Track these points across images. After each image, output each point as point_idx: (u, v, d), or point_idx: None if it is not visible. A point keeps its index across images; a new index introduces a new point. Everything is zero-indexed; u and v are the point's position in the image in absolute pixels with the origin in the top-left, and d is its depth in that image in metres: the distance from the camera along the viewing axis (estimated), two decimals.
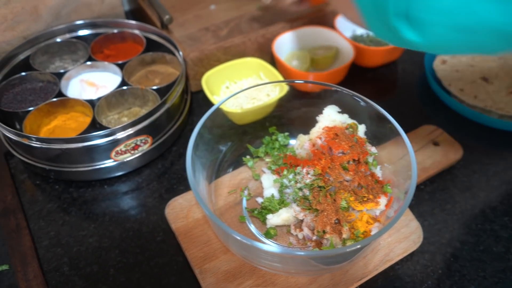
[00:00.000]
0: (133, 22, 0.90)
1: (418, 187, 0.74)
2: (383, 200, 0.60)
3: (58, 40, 0.87)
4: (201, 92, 0.90)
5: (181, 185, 0.76)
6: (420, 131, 0.80)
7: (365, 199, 0.59)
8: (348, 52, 0.91)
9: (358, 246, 0.51)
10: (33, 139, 0.68)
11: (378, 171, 0.64)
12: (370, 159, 0.63)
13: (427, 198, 0.73)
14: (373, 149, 0.64)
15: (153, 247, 0.67)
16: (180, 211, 0.67)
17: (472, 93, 0.86)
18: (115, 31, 0.90)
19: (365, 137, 0.66)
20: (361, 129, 0.66)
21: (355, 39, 0.99)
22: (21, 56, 0.84)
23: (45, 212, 0.72)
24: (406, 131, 0.61)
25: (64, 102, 0.77)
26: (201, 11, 1.11)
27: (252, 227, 0.65)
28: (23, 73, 0.81)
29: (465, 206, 0.72)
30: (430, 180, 0.75)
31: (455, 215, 0.71)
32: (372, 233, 0.59)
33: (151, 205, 0.73)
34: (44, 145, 0.69)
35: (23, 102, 0.79)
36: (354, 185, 0.60)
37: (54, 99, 0.77)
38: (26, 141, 0.69)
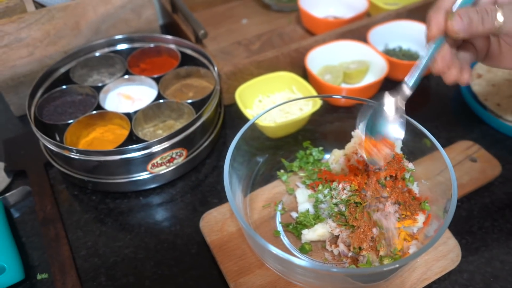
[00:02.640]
0: (169, 37, 0.92)
1: None
2: (421, 218, 0.59)
3: (97, 54, 0.90)
4: (233, 105, 0.91)
5: (214, 197, 0.76)
6: (456, 146, 0.78)
7: (402, 216, 0.59)
8: (381, 66, 0.91)
9: (397, 266, 0.51)
10: (74, 151, 0.70)
11: (415, 188, 0.63)
12: (407, 175, 0.63)
13: (465, 215, 0.71)
14: (410, 165, 0.63)
15: (188, 259, 0.68)
16: (215, 224, 0.68)
17: (509, 107, 0.85)
18: (151, 45, 0.92)
19: (401, 153, 0.65)
20: (398, 145, 0.66)
21: (388, 53, 0.99)
22: (62, 70, 0.87)
23: (83, 222, 0.74)
24: (442, 147, 0.60)
25: (103, 115, 0.80)
26: (233, 25, 1.13)
27: (287, 242, 0.65)
28: (64, 87, 0.84)
29: (504, 224, 0.70)
30: (467, 197, 0.74)
31: (494, 233, 0.69)
32: (410, 250, 0.58)
33: (185, 217, 0.74)
34: (83, 157, 0.71)
35: (63, 114, 0.81)
36: (391, 201, 0.60)
37: (93, 112, 0.79)
38: (67, 153, 0.71)
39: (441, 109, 0.91)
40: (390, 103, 0.58)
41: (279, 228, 0.67)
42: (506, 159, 0.78)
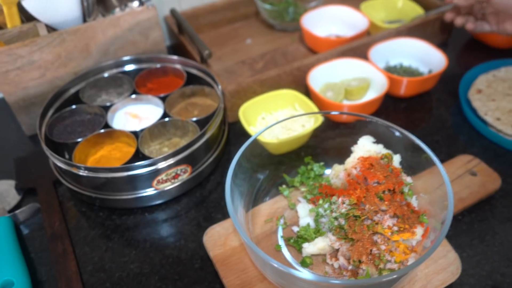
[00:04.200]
0: (174, 57, 0.95)
1: (456, 217, 0.73)
2: (419, 230, 0.60)
3: (106, 75, 0.93)
4: (237, 123, 0.93)
5: (218, 213, 0.78)
6: (456, 161, 0.79)
7: (401, 229, 0.60)
8: (381, 83, 0.92)
9: (395, 276, 0.52)
10: (82, 168, 0.73)
11: (414, 201, 0.64)
12: (406, 189, 0.64)
13: (465, 228, 0.72)
14: (408, 179, 0.64)
15: (192, 274, 0.69)
16: (218, 238, 0.69)
17: (509, 122, 0.85)
18: (158, 65, 0.95)
19: (400, 167, 0.66)
20: (396, 159, 0.67)
21: (389, 70, 1.00)
22: (72, 91, 0.90)
23: (90, 238, 0.76)
24: (442, 161, 0.62)
25: (110, 134, 0.82)
26: (237, 45, 1.16)
27: (288, 256, 0.67)
28: (73, 106, 0.87)
29: (505, 237, 0.70)
30: (467, 210, 0.74)
31: (495, 246, 0.69)
32: (409, 263, 0.59)
33: (190, 232, 0.75)
34: (91, 174, 0.73)
35: (73, 133, 0.84)
36: (390, 215, 0.61)
37: (101, 131, 0.82)
38: (75, 170, 0.73)
39: (442, 124, 0.92)
40: None
41: (281, 242, 0.68)
42: (506, 172, 0.79)
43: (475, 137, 0.88)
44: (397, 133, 0.68)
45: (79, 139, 0.80)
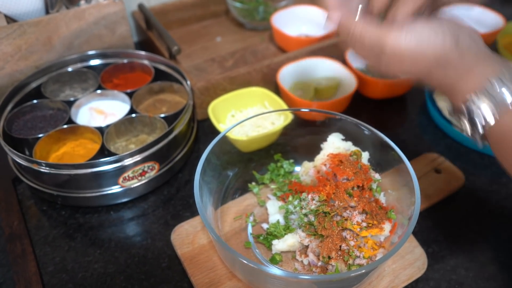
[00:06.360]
0: (142, 52, 0.93)
1: (422, 214, 0.75)
2: (387, 226, 0.61)
3: (70, 69, 0.90)
4: (207, 120, 0.92)
5: (186, 211, 0.76)
6: (422, 159, 0.81)
7: (370, 224, 0.60)
8: (351, 82, 0.93)
9: (363, 271, 0.52)
10: (43, 164, 0.70)
11: (382, 198, 0.65)
12: (374, 186, 0.64)
13: (431, 225, 0.73)
14: (377, 176, 0.65)
15: (158, 273, 0.67)
16: (186, 237, 0.68)
17: None
18: (125, 61, 0.93)
19: (368, 164, 0.67)
20: (365, 156, 0.68)
21: (369, 70, 1.00)
22: (33, 85, 0.86)
23: (51, 238, 0.72)
24: (408, 159, 0.62)
25: (74, 129, 0.79)
26: (207, 43, 1.15)
27: (258, 253, 0.66)
28: (35, 101, 0.83)
29: (468, 233, 0.72)
30: (433, 207, 0.76)
31: (459, 242, 0.71)
32: (377, 258, 0.59)
33: (157, 231, 0.73)
34: (53, 171, 0.70)
35: (33, 129, 0.81)
36: (359, 211, 0.61)
37: (64, 126, 0.79)
38: (35, 167, 0.70)
39: (409, 124, 0.94)
40: None
41: (250, 239, 0.67)
42: (470, 170, 0.81)
43: (440, 136, 0.90)
44: (366, 131, 0.68)
45: (40, 135, 0.77)
